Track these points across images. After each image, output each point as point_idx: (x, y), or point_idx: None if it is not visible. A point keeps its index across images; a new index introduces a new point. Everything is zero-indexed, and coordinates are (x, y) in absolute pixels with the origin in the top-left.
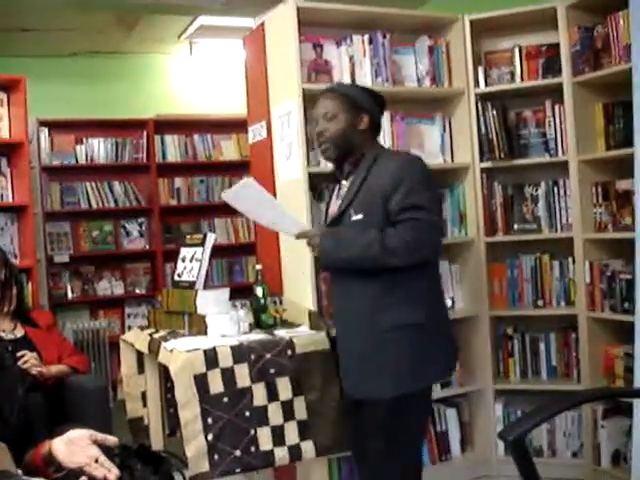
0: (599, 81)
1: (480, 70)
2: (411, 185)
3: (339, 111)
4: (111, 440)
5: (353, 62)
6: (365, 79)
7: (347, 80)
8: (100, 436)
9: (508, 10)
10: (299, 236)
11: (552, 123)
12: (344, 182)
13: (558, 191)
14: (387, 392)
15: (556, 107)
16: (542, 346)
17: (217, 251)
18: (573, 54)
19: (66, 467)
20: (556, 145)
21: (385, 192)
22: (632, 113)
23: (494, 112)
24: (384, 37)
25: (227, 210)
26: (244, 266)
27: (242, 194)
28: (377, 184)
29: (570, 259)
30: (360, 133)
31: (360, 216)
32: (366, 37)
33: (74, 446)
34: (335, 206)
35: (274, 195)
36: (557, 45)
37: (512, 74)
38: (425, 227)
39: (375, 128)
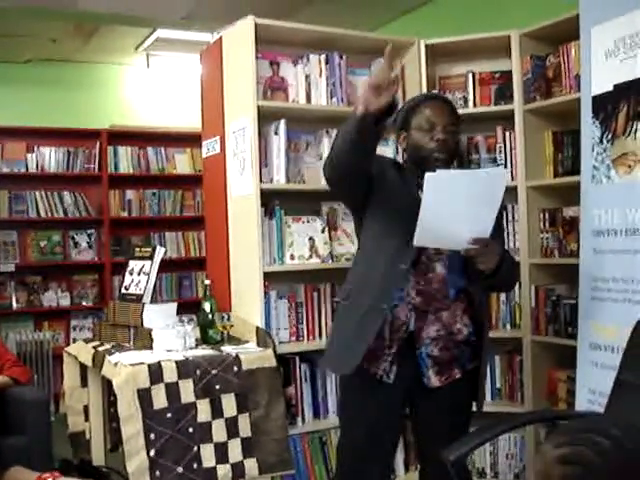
0: (550, 109)
1: None
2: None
3: (458, 128)
4: None
5: (309, 81)
6: (320, 99)
7: (302, 99)
8: None
9: (463, 36)
10: (476, 242)
11: (503, 149)
12: None
13: (506, 216)
14: None
15: (507, 133)
16: (487, 369)
17: (167, 265)
18: (525, 82)
19: None
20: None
21: None
22: (580, 142)
23: None
24: (341, 57)
25: (178, 224)
26: (194, 281)
27: (469, 183)
28: None
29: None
30: None
31: None
32: (323, 57)
33: None
34: None
35: (226, 212)
36: (510, 72)
37: (465, 99)
38: None
39: None
